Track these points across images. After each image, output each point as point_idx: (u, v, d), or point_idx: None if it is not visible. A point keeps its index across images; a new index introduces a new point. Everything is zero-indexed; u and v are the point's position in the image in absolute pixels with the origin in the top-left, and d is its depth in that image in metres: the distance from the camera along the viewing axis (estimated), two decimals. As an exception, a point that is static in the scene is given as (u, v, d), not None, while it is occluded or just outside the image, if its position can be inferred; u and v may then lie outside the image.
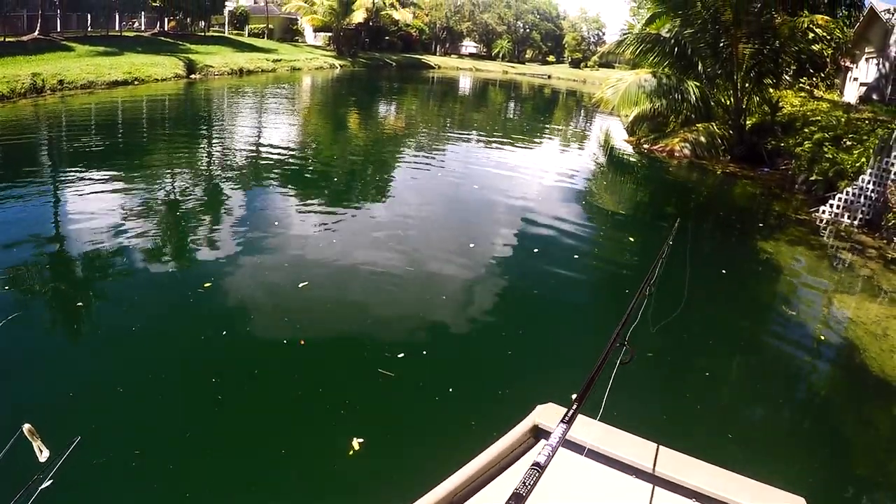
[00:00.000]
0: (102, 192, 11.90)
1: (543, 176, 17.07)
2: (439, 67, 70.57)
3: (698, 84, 20.78)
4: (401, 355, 6.48)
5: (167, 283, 8.17)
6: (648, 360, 6.89)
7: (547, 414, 3.27)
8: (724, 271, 10.27)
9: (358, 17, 57.64)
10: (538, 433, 3.27)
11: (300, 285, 8.08)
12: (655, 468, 2.94)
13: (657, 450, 3.06)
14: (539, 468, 1.74)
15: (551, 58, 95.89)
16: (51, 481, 2.32)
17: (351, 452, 4.92)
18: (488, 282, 9.00)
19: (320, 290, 8.16)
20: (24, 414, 4.95)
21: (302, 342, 6.62)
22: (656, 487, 2.91)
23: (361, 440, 5.02)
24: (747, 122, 21.34)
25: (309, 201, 12.82)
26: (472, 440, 4.86)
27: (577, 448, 3.04)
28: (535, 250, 10.38)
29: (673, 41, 20.90)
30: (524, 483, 1.66)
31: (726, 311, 8.94)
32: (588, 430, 3.07)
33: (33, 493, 2.27)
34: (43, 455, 2.29)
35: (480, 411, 5.58)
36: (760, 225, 13.98)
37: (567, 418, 2.05)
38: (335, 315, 7.57)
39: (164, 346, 6.57)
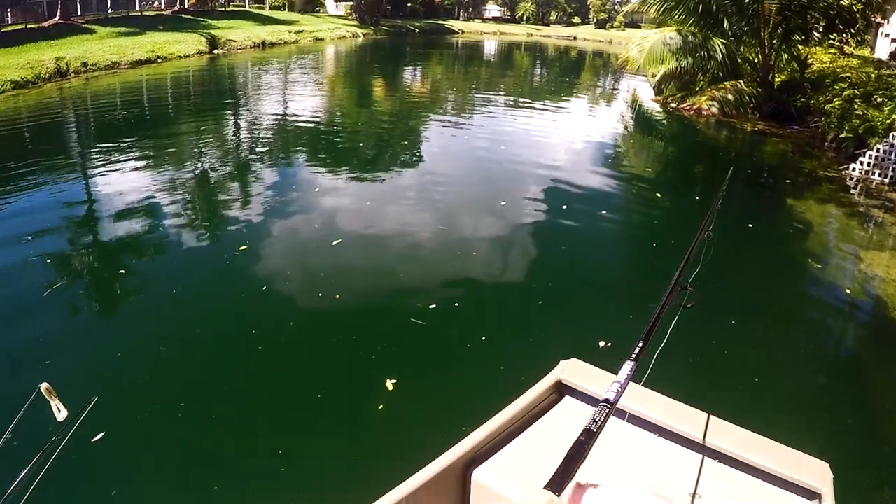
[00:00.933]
0: (135, 166, 12.36)
1: (571, 136, 17.08)
2: (463, 32, 69.85)
3: (724, 41, 20.41)
4: (432, 306, 6.83)
5: (204, 248, 8.63)
6: (672, 315, 6.96)
7: (571, 370, 3.27)
8: (750, 225, 10.24)
9: (379, -16, 57.30)
10: (561, 389, 3.26)
11: (333, 243, 8.47)
12: (674, 425, 2.95)
13: (677, 407, 3.08)
14: (609, 405, 1.75)
15: (576, 19, 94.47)
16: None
17: (385, 392, 5.27)
18: (518, 238, 9.23)
19: (353, 247, 8.54)
20: (77, 374, 5.55)
21: (337, 296, 6.95)
22: (675, 445, 2.93)
23: (395, 381, 5.37)
24: (776, 80, 20.97)
25: (338, 167, 13.02)
26: (501, 383, 5.27)
27: (593, 402, 3.06)
28: (564, 207, 10.49)
29: (698, -2, 20.56)
30: (594, 420, 1.66)
31: (753, 267, 8.91)
32: (608, 385, 3.08)
33: (53, 452, 2.28)
34: (61, 414, 2.30)
35: (509, 358, 5.85)
36: (788, 182, 13.84)
37: (634, 356, 2.11)
38: (368, 270, 7.93)
39: (204, 304, 7.02)
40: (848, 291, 8.24)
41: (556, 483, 1.40)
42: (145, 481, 4.40)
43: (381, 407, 5.16)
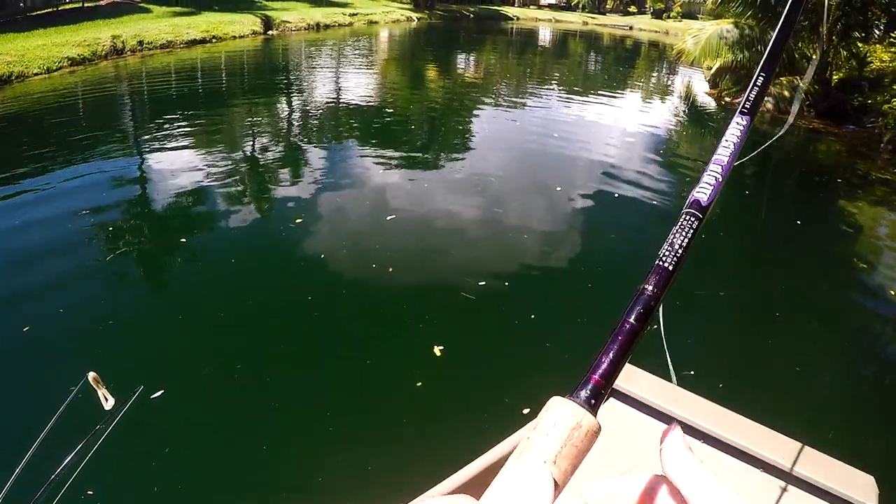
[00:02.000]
0: (191, 142, 12.96)
1: (624, 126, 16.99)
2: (518, 19, 69.43)
3: (782, 36, 19.99)
4: (482, 283, 7.14)
5: (260, 220, 9.15)
6: (713, 310, 6.97)
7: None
8: (798, 222, 10.14)
9: (435, -32, 57.16)
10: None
11: (388, 218, 8.90)
12: (722, 434, 2.91)
13: (712, 409, 3.06)
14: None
15: (633, 8, 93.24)
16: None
17: (434, 358, 5.68)
18: (570, 223, 9.45)
19: (407, 223, 8.94)
20: (140, 334, 6.01)
21: (390, 269, 7.35)
22: (722, 453, 2.90)
23: (442, 348, 5.77)
24: (833, 77, 20.50)
25: (391, 148, 13.30)
26: (546, 357, 5.34)
27: (641, 406, 3.08)
28: (616, 195, 10.60)
29: (756, -10, 20.15)
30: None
31: (798, 266, 8.82)
32: (653, 388, 3.14)
33: (97, 441, 2.35)
34: (108, 403, 2.33)
35: (555, 336, 5.97)
36: (840, 182, 13.57)
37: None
38: (421, 246, 8.31)
39: (261, 272, 7.49)
40: (894, 294, 8.07)
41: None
42: (199, 438, 4.75)
43: (429, 369, 5.57)
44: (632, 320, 0.76)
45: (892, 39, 20.79)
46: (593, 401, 0.69)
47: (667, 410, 3.01)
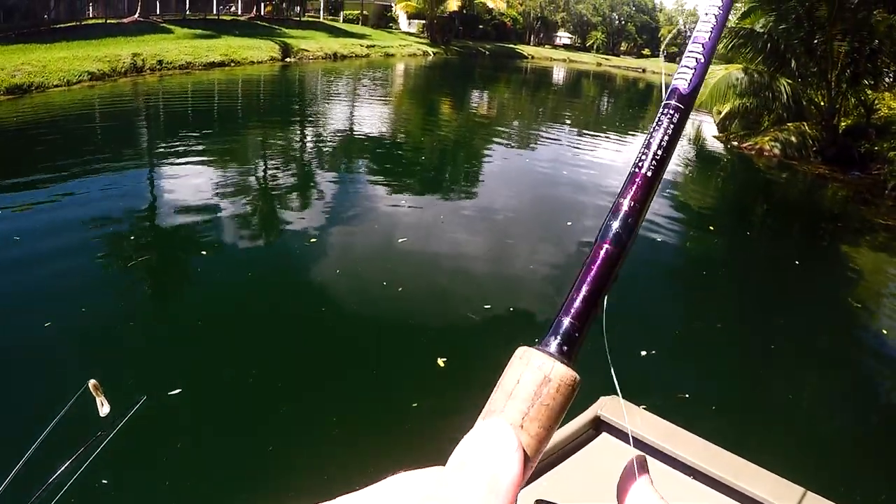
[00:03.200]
0: (206, 165, 13.00)
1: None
2: (532, 58, 70.19)
3: (790, 82, 20.20)
4: (487, 307, 7.29)
5: (275, 240, 9.38)
6: (710, 344, 7.06)
7: (610, 406, 3.20)
8: (797, 262, 10.24)
9: (452, 4, 57.83)
10: (599, 425, 3.20)
11: (399, 241, 9.14)
12: (713, 470, 2.90)
13: (717, 452, 3.02)
14: None
15: (647, 51, 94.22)
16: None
17: (437, 368, 5.91)
18: (575, 257, 9.43)
19: (418, 247, 9.17)
20: (160, 349, 6.08)
21: (400, 288, 7.52)
22: (712, 490, 2.89)
23: (445, 359, 5.99)
24: (841, 124, 20.68)
25: (404, 178, 13.72)
26: None
27: (636, 442, 3.02)
28: None
29: (766, 36, 20.38)
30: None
31: (797, 304, 8.89)
32: (647, 425, 3.11)
33: (95, 448, 2.32)
34: (104, 410, 2.31)
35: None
36: (842, 226, 13.68)
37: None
38: (430, 270, 8.48)
39: (276, 287, 7.67)
40: (891, 337, 8.12)
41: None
42: (213, 434, 4.95)
43: (433, 378, 5.82)
44: (608, 244, 0.64)
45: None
46: (565, 347, 0.59)
47: (661, 447, 2.98)
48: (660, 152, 0.68)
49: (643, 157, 0.67)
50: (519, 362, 0.58)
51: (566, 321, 0.60)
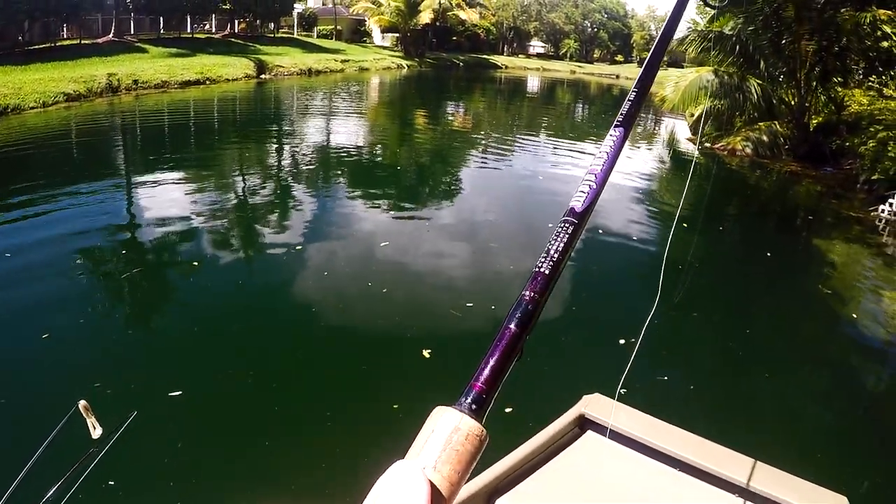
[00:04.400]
0: (188, 182, 13.18)
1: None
2: (507, 67, 70.46)
3: (760, 82, 20.49)
4: (469, 304, 7.56)
5: (261, 248, 9.58)
6: (685, 340, 7.20)
7: (593, 404, 3.26)
8: (768, 254, 10.48)
9: (425, 17, 57.91)
10: (584, 423, 3.26)
11: (381, 244, 9.59)
12: (698, 461, 2.95)
13: (700, 443, 3.08)
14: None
15: (620, 57, 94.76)
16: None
17: (422, 359, 6.23)
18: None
19: (398, 250, 9.56)
20: (156, 342, 6.48)
21: (385, 290, 7.84)
22: (698, 481, 2.94)
23: (430, 350, 6.32)
24: (812, 122, 20.99)
25: (384, 187, 14.10)
26: (521, 371, 5.65)
27: (623, 440, 3.09)
28: (600, 231, 10.93)
29: (735, 39, 20.68)
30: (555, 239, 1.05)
31: (769, 301, 9.06)
32: (631, 420, 3.15)
33: (85, 469, 2.31)
34: (96, 432, 2.30)
35: (530, 355, 6.15)
36: (815, 220, 13.92)
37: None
38: (413, 272, 8.77)
39: (266, 290, 7.98)
40: (867, 329, 8.29)
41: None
42: (213, 433, 5.14)
43: (419, 367, 6.14)
44: (512, 326, 0.81)
45: (870, 83, 21.34)
46: (475, 406, 0.73)
47: (645, 441, 3.04)
48: (556, 255, 0.89)
49: (543, 259, 0.88)
50: (435, 415, 0.71)
51: (476, 386, 0.75)
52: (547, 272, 0.85)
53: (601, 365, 6.58)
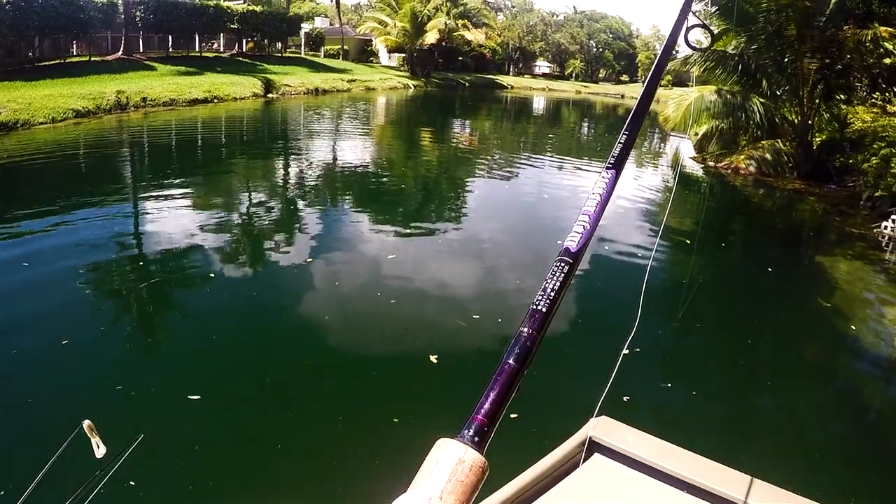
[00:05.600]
0: (196, 198, 13.31)
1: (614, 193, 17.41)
2: (512, 87, 70.86)
3: (763, 101, 20.58)
4: (476, 316, 7.75)
5: (272, 260, 9.86)
6: (690, 357, 7.24)
7: (601, 427, 3.18)
8: (769, 269, 10.60)
9: (431, 38, 58.30)
10: (591, 447, 3.17)
11: (389, 258, 9.85)
12: (707, 484, 2.89)
13: (708, 465, 3.02)
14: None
15: (625, 77, 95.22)
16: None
17: (430, 364, 6.47)
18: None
19: (407, 264, 9.84)
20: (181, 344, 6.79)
21: (393, 301, 8.08)
22: (704, 502, 2.87)
23: (437, 356, 6.55)
24: (816, 139, 21.06)
25: (392, 204, 14.32)
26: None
27: (625, 460, 3.06)
28: (606, 247, 11.02)
29: (737, 58, 20.81)
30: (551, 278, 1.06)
31: (776, 315, 9.13)
32: (639, 442, 3.11)
33: (91, 491, 2.28)
34: (99, 451, 2.28)
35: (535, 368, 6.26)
36: (818, 238, 13.99)
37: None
38: (420, 286, 8.89)
39: (279, 302, 8.17)
40: (870, 345, 8.29)
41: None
42: (234, 430, 5.36)
43: (427, 372, 6.38)
44: (511, 361, 0.87)
45: (874, 100, 21.38)
46: (476, 438, 0.77)
47: (653, 464, 2.99)
48: (552, 294, 0.93)
49: (540, 297, 0.93)
50: (438, 449, 0.75)
51: (478, 419, 0.79)
52: (543, 310, 0.91)
53: (596, 382, 6.67)
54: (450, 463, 0.73)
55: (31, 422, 5.09)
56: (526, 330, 0.89)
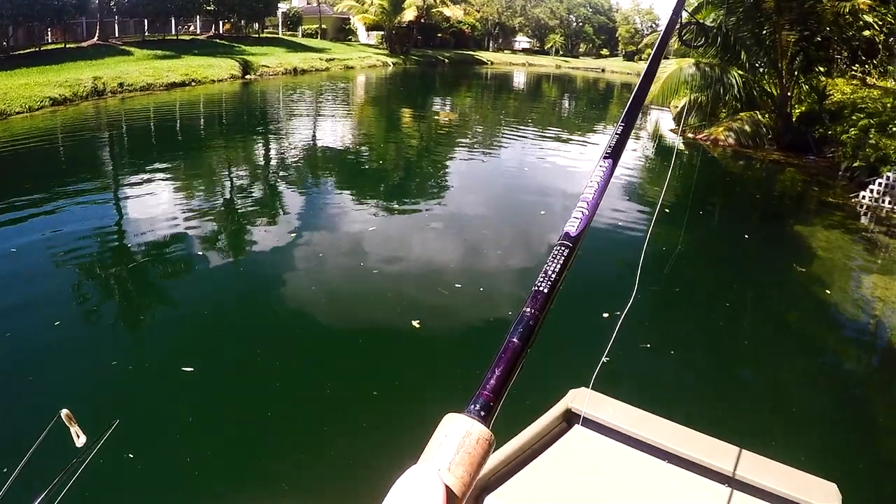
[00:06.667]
0: (176, 182, 13.25)
1: (593, 165, 17.47)
2: (492, 63, 70.49)
3: (742, 73, 20.64)
4: (458, 285, 7.94)
5: (256, 237, 10.04)
6: (660, 325, 7.33)
7: (580, 398, 3.21)
8: (746, 236, 10.82)
9: (409, 14, 57.80)
10: (571, 418, 3.23)
11: (370, 229, 10.17)
12: (685, 452, 2.94)
13: (687, 433, 3.07)
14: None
15: (605, 51, 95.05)
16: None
17: (412, 329, 6.71)
18: (536, 242, 10.30)
19: (388, 235, 10.13)
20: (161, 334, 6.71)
21: (375, 271, 8.36)
22: (686, 471, 2.92)
23: (418, 322, 6.79)
24: (795, 111, 21.16)
25: (374, 180, 14.52)
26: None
27: (607, 431, 3.09)
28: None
29: (716, 30, 20.82)
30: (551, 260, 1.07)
31: (751, 288, 9.21)
32: (618, 413, 3.14)
33: (70, 479, 2.28)
34: (80, 440, 2.30)
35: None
36: (796, 208, 14.11)
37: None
38: (403, 253, 9.25)
39: (267, 272, 8.40)
40: (849, 313, 8.39)
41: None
42: (224, 403, 5.50)
43: (409, 337, 6.61)
44: (515, 340, 0.90)
45: (853, 72, 21.48)
46: (483, 413, 0.80)
47: (633, 434, 3.03)
48: (553, 275, 0.98)
49: (541, 279, 0.98)
50: (447, 422, 0.78)
51: (484, 394, 0.82)
52: (545, 291, 0.96)
53: (582, 354, 6.76)
54: (458, 436, 0.76)
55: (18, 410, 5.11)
56: (529, 310, 0.93)
